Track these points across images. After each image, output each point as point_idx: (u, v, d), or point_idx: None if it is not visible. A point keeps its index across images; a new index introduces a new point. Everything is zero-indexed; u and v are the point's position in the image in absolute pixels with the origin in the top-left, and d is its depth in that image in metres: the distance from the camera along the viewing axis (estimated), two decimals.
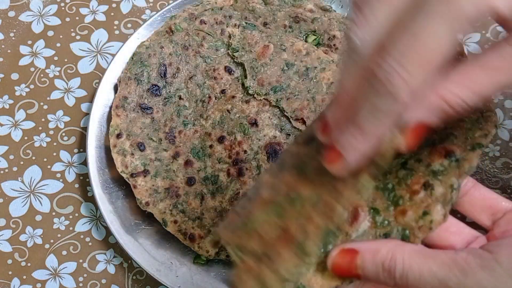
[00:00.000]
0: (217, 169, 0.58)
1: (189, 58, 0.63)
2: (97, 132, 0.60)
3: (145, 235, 0.57)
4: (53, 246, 0.59)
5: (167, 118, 0.60)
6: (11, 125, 0.64)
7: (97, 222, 0.60)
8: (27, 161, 0.63)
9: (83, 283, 0.58)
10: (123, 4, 0.70)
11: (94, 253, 0.59)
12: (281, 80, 0.60)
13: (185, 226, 0.56)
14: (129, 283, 0.58)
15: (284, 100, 0.59)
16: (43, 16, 0.69)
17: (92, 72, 0.67)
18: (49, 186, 0.62)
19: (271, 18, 0.65)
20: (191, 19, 0.64)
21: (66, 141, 0.64)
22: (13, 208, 0.61)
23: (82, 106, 0.65)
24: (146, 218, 0.58)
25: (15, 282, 0.58)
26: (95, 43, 0.68)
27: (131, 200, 0.58)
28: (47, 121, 0.64)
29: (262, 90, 0.60)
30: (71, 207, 0.61)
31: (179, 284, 0.54)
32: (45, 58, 0.67)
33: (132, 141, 0.59)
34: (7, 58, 0.67)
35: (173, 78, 0.62)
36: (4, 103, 0.65)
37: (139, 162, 0.58)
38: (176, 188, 0.57)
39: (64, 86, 0.66)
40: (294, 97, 0.59)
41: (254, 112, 0.60)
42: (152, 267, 0.55)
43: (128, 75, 0.61)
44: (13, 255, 0.59)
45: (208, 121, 0.60)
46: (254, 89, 0.60)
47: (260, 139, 0.59)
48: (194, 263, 0.57)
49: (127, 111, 0.60)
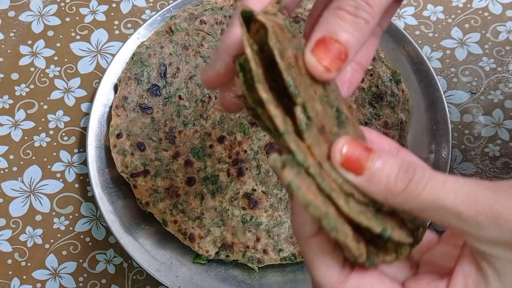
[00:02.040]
0: (217, 169, 0.58)
1: (189, 58, 0.63)
2: (97, 132, 0.60)
3: (145, 235, 0.57)
4: (53, 246, 0.59)
5: (167, 118, 0.60)
6: (11, 125, 0.64)
7: (97, 222, 0.60)
8: (27, 161, 0.63)
9: (83, 283, 0.58)
10: (123, 4, 0.70)
11: (94, 253, 0.59)
12: None
13: (185, 226, 0.56)
14: (129, 283, 0.58)
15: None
16: (43, 16, 0.69)
17: (92, 72, 0.67)
18: (49, 186, 0.62)
19: None
20: (191, 19, 0.64)
21: (66, 141, 0.64)
22: (13, 208, 0.61)
23: (82, 106, 0.65)
24: (146, 218, 0.58)
25: (15, 282, 0.58)
26: (95, 43, 0.68)
27: (131, 200, 0.58)
28: (47, 121, 0.64)
29: None
30: (71, 207, 0.61)
31: (179, 284, 0.54)
32: (45, 58, 0.67)
33: (132, 141, 0.59)
34: (7, 58, 0.67)
35: (173, 78, 0.62)
36: (4, 103, 0.65)
37: (139, 162, 0.58)
38: (176, 188, 0.57)
39: (64, 86, 0.66)
40: None
41: None
42: (152, 267, 0.55)
43: (128, 75, 0.61)
44: (13, 255, 0.59)
45: (208, 121, 0.60)
46: None
47: (260, 139, 0.59)
48: (194, 263, 0.57)
49: (127, 111, 0.60)
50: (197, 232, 0.56)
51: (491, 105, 0.64)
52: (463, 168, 0.61)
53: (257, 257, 0.56)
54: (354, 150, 0.26)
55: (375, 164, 0.26)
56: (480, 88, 0.65)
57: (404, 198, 0.26)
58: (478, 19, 0.68)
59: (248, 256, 0.56)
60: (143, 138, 0.59)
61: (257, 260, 0.56)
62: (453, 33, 0.67)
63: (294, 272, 0.57)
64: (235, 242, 0.56)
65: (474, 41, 0.67)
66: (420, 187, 0.26)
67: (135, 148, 0.59)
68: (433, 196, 0.25)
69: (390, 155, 0.27)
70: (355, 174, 0.26)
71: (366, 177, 0.26)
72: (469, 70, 0.65)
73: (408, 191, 0.26)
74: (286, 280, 0.56)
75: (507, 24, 0.67)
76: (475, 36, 0.67)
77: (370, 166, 0.26)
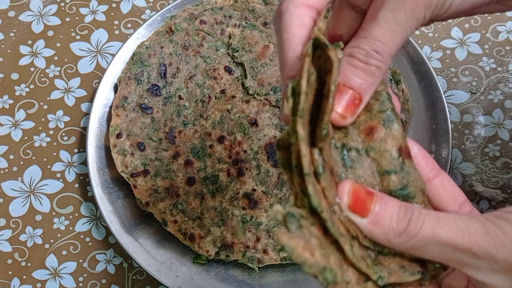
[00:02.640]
0: (217, 169, 0.58)
1: (189, 58, 0.63)
2: (97, 132, 0.60)
3: (145, 235, 0.57)
4: (53, 246, 0.59)
5: (167, 118, 0.60)
6: (11, 125, 0.64)
7: (97, 222, 0.60)
8: (27, 161, 0.63)
9: (83, 283, 0.58)
10: (123, 4, 0.70)
11: (94, 253, 0.59)
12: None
13: (185, 226, 0.56)
14: (129, 283, 0.58)
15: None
16: (43, 16, 0.69)
17: (92, 72, 0.67)
18: (49, 186, 0.62)
19: (271, 18, 0.65)
20: (191, 19, 0.64)
21: (66, 141, 0.64)
22: (13, 208, 0.61)
23: (82, 106, 0.65)
24: (146, 218, 0.58)
25: (15, 282, 0.58)
26: (95, 43, 0.68)
27: (131, 200, 0.58)
28: (47, 121, 0.64)
29: (262, 90, 0.60)
30: (71, 207, 0.61)
31: (179, 284, 0.54)
32: (45, 58, 0.67)
33: (132, 141, 0.59)
34: (7, 58, 0.67)
35: (173, 78, 0.62)
36: (4, 103, 0.65)
37: (139, 162, 0.58)
38: (176, 188, 0.57)
39: (64, 86, 0.66)
40: None
41: (254, 112, 0.60)
42: (152, 267, 0.55)
43: (128, 75, 0.61)
44: (13, 255, 0.59)
45: (208, 121, 0.60)
46: (254, 89, 0.60)
47: (260, 139, 0.59)
48: (194, 263, 0.57)
49: (127, 111, 0.60)
50: (197, 232, 0.56)
51: (491, 105, 0.64)
52: (463, 168, 0.61)
53: (257, 257, 0.56)
54: (359, 194, 0.28)
55: (377, 207, 0.28)
56: (480, 88, 0.65)
57: (405, 237, 0.27)
58: (478, 19, 0.68)
59: (248, 256, 0.56)
60: (143, 138, 0.59)
61: (257, 260, 0.56)
62: (453, 33, 0.67)
63: (294, 272, 0.57)
64: (235, 242, 0.56)
65: (474, 41, 0.67)
66: (419, 225, 0.27)
67: (135, 148, 0.59)
68: (430, 232, 0.27)
69: (388, 197, 0.28)
70: (361, 216, 0.28)
71: (371, 219, 0.27)
72: (469, 70, 0.65)
73: (408, 230, 0.27)
74: (286, 280, 0.56)
75: (507, 24, 0.67)
76: (475, 36, 0.67)
77: (373, 208, 0.28)
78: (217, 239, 0.56)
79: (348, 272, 0.27)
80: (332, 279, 0.26)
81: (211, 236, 0.56)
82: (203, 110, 0.61)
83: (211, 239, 0.56)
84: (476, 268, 0.27)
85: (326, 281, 0.25)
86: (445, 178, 0.33)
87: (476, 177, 0.61)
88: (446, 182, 0.33)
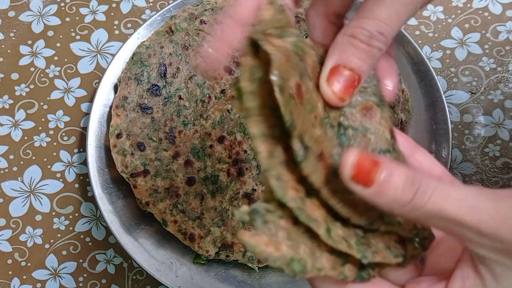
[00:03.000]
0: (217, 169, 0.58)
1: (189, 58, 0.63)
2: (97, 132, 0.60)
3: (145, 235, 0.57)
4: (53, 246, 0.59)
5: (167, 118, 0.60)
6: (11, 125, 0.64)
7: (97, 222, 0.60)
8: (27, 161, 0.63)
9: (83, 283, 0.58)
10: (123, 4, 0.70)
11: (94, 253, 0.59)
12: None
13: (185, 226, 0.56)
14: (129, 283, 0.58)
15: None
16: (43, 16, 0.69)
17: (92, 72, 0.67)
18: (49, 186, 0.62)
19: None
20: (191, 19, 0.64)
21: (66, 141, 0.64)
22: (13, 208, 0.61)
23: (82, 106, 0.65)
24: (146, 218, 0.58)
25: (15, 282, 0.58)
26: (95, 43, 0.68)
27: (131, 200, 0.58)
28: (47, 121, 0.64)
29: None
30: (71, 207, 0.61)
31: (179, 284, 0.54)
32: (45, 58, 0.67)
33: (132, 141, 0.59)
34: (7, 58, 0.67)
35: (173, 78, 0.62)
36: (4, 103, 0.65)
37: (139, 162, 0.58)
38: (176, 188, 0.57)
39: (64, 86, 0.66)
40: None
41: None
42: (152, 267, 0.55)
43: (128, 75, 0.61)
44: (13, 255, 0.59)
45: (208, 121, 0.60)
46: None
47: None
48: (194, 263, 0.57)
49: (127, 111, 0.60)
50: (197, 232, 0.56)
51: (491, 105, 0.64)
52: (463, 168, 0.61)
53: (257, 257, 0.56)
54: (363, 165, 0.26)
55: (382, 176, 0.26)
56: (480, 88, 0.65)
57: (410, 208, 0.26)
58: (478, 19, 0.68)
59: (248, 256, 0.56)
60: (143, 138, 0.59)
61: (257, 260, 0.56)
62: (453, 33, 0.67)
63: None
64: (235, 242, 0.56)
65: (474, 41, 0.67)
66: (426, 199, 0.26)
67: (135, 148, 0.59)
68: (437, 207, 0.26)
69: (396, 165, 0.27)
70: (364, 186, 0.26)
71: (374, 190, 0.26)
72: (469, 70, 0.65)
73: (414, 202, 0.26)
74: (286, 280, 0.56)
75: (507, 24, 0.67)
76: (475, 36, 0.67)
77: (378, 178, 0.26)
78: (217, 239, 0.56)
79: (321, 258, 0.27)
80: (300, 269, 0.25)
81: (211, 236, 0.56)
82: (203, 110, 0.61)
83: (211, 239, 0.56)
84: (478, 244, 0.26)
85: (293, 272, 0.25)
86: (422, 154, 0.33)
87: (476, 177, 0.61)
88: (423, 157, 0.33)
